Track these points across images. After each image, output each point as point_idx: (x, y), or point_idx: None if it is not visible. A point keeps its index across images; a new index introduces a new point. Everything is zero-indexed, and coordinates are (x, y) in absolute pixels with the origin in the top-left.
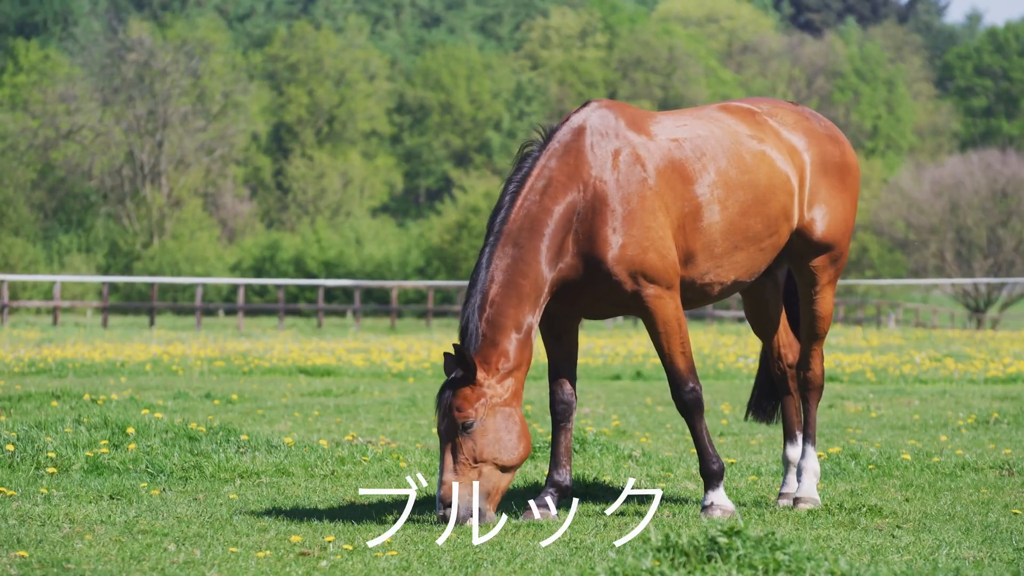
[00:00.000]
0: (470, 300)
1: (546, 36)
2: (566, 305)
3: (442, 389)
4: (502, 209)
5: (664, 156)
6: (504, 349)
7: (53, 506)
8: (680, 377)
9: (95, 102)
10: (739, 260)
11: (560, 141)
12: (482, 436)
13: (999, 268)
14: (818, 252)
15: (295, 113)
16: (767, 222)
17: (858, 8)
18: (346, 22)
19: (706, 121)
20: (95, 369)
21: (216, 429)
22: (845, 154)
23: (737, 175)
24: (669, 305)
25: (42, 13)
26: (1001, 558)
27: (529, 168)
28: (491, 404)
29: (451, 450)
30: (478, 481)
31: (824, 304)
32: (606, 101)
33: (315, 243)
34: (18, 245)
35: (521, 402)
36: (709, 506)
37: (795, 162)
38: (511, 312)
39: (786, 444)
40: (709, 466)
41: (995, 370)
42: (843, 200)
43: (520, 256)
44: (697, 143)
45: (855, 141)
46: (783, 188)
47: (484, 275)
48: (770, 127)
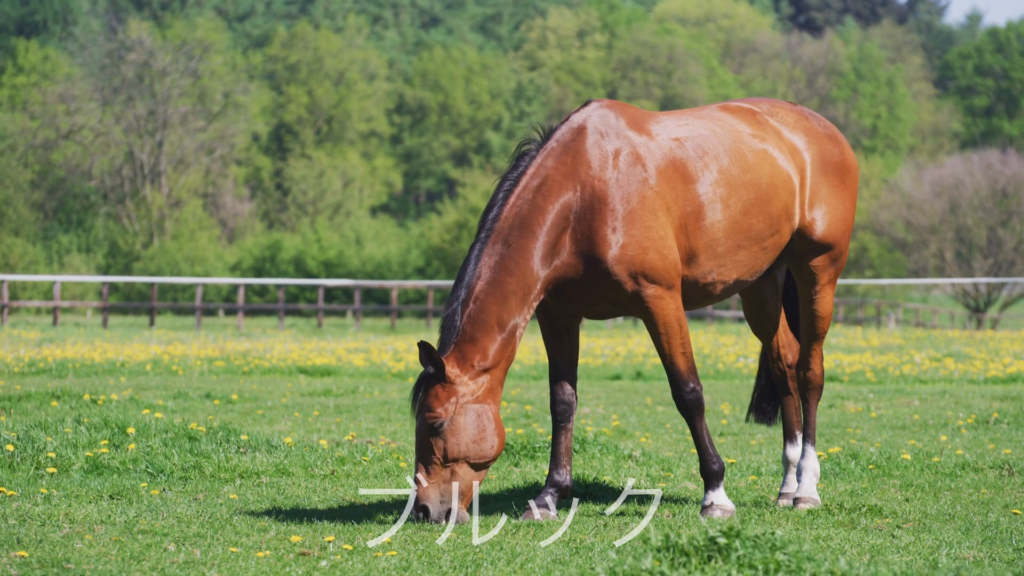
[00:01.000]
0: (455, 295)
1: (544, 36)
2: (567, 304)
3: (416, 384)
4: (495, 206)
5: (665, 155)
6: (483, 346)
7: (53, 506)
8: (681, 377)
9: (95, 102)
10: (742, 259)
11: (559, 140)
12: (452, 435)
13: (999, 268)
14: (818, 252)
15: (295, 113)
16: (769, 221)
17: (859, 7)
18: (345, 22)
19: (707, 120)
20: (95, 369)
21: (216, 429)
22: (844, 153)
23: (740, 174)
24: (670, 305)
25: (42, 13)
26: (1001, 558)
27: (525, 167)
28: (462, 403)
29: (423, 448)
30: (450, 480)
31: (824, 304)
32: (607, 101)
33: (315, 243)
34: (18, 245)
35: (498, 399)
36: (709, 506)
37: (796, 161)
38: (494, 310)
39: (786, 444)
40: (709, 466)
41: (995, 370)
42: (843, 199)
43: (509, 254)
44: (699, 142)
45: (855, 141)
46: (785, 187)
47: (471, 271)
48: (771, 126)
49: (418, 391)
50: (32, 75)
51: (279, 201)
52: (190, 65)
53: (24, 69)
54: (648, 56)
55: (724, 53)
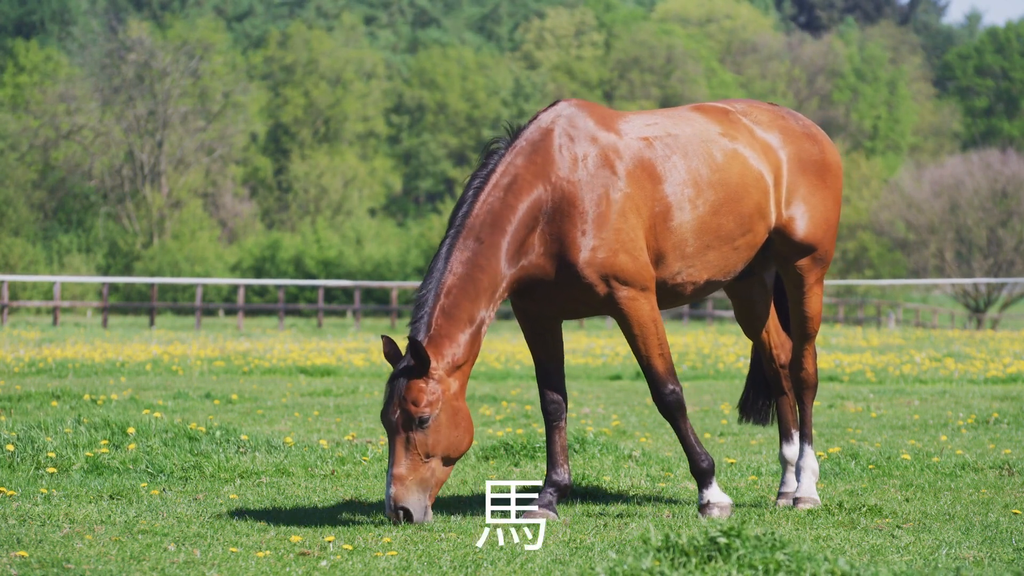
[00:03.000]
0: (426, 289)
1: (542, 36)
2: (541, 305)
3: (393, 377)
4: (465, 203)
5: (633, 156)
6: (457, 341)
7: (53, 506)
8: (659, 379)
9: (95, 102)
10: (712, 260)
11: (527, 139)
12: (435, 431)
13: (999, 268)
14: (801, 252)
15: (292, 114)
16: (740, 220)
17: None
18: (338, 21)
19: (676, 120)
20: (95, 369)
21: (216, 429)
22: (825, 152)
23: (708, 174)
24: (644, 307)
25: (40, 13)
26: (1001, 558)
27: (495, 165)
28: (445, 398)
29: (403, 443)
30: (428, 476)
31: (813, 304)
32: (575, 100)
33: (315, 243)
34: (18, 245)
35: (465, 395)
36: (706, 505)
37: (770, 160)
38: (466, 305)
39: (782, 444)
40: (699, 464)
41: (995, 370)
42: (823, 198)
43: (480, 250)
44: (667, 142)
45: (855, 141)
46: (756, 186)
47: (443, 266)
48: (743, 125)
49: (395, 386)
50: (34, 75)
51: (279, 201)
52: (190, 65)
53: (26, 69)
54: (646, 56)
55: (724, 53)
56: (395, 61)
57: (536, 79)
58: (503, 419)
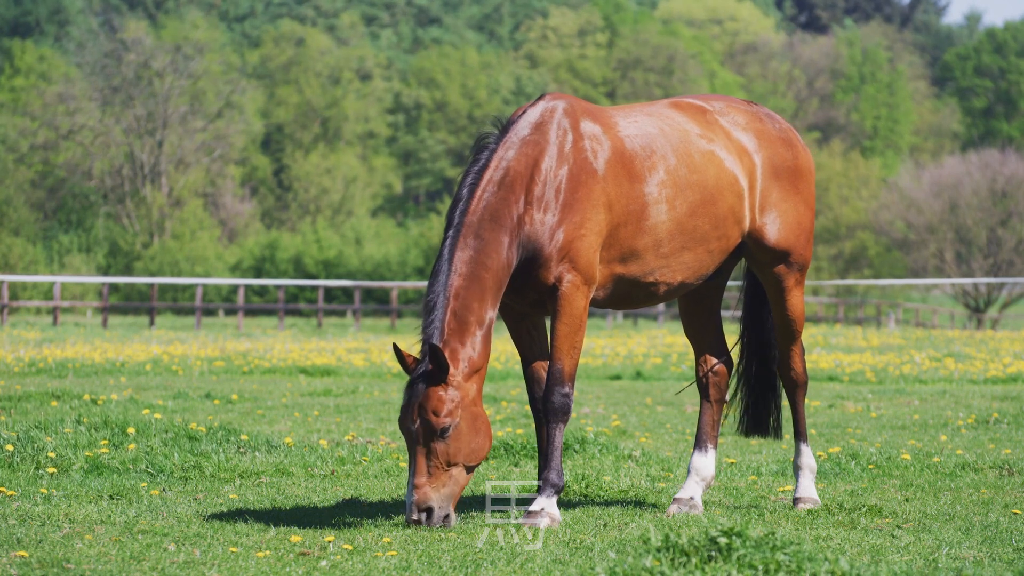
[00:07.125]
0: (434, 292)
1: (544, 35)
2: (514, 298)
3: (411, 384)
4: (461, 201)
5: (614, 152)
6: (472, 345)
7: (53, 506)
8: (563, 378)
9: (94, 103)
10: (687, 261)
11: (517, 134)
12: (456, 439)
13: (999, 268)
14: (776, 257)
15: (290, 113)
16: (715, 223)
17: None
18: (338, 20)
19: (656, 119)
20: (95, 369)
21: (216, 429)
22: (798, 157)
23: (687, 174)
24: (581, 301)
25: (35, 13)
26: (1001, 558)
27: (487, 160)
28: (465, 405)
29: (424, 453)
30: (450, 484)
31: (794, 306)
32: (560, 95)
33: (315, 243)
34: (18, 245)
35: (482, 399)
36: (538, 512)
37: (744, 163)
38: (475, 307)
39: (695, 452)
40: (550, 474)
41: (995, 370)
42: (795, 204)
43: (482, 248)
44: (647, 140)
45: (855, 141)
46: (731, 189)
47: (447, 267)
48: (720, 126)
49: (414, 392)
50: (31, 76)
51: (279, 201)
52: (187, 66)
53: (22, 71)
54: (648, 56)
55: (727, 54)
56: (397, 60)
57: (537, 78)
58: (503, 419)
